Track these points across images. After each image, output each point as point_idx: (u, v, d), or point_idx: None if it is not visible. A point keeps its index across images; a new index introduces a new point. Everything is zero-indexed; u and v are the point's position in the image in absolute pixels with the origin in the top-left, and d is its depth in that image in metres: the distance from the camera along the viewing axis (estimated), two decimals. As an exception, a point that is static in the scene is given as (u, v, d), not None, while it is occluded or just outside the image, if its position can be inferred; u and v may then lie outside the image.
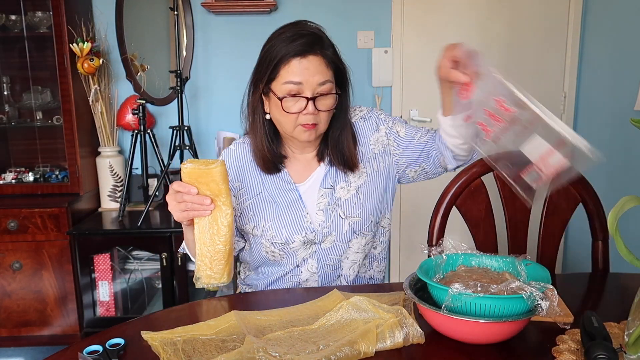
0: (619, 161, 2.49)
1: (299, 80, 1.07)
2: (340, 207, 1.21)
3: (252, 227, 1.21)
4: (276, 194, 1.21)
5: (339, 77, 1.15)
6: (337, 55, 1.14)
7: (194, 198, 0.94)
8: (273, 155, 1.19)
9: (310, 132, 1.12)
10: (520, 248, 1.38)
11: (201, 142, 2.81)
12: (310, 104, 1.08)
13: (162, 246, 2.32)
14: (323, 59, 1.09)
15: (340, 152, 1.19)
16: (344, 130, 1.19)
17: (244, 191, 1.22)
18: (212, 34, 2.75)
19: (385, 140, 1.25)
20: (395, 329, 0.87)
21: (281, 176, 1.22)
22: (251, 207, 1.21)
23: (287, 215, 1.19)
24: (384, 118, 1.26)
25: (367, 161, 1.24)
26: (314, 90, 1.08)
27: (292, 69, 1.07)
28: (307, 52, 1.07)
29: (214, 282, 0.99)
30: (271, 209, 1.20)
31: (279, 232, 1.19)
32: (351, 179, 1.22)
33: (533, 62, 2.81)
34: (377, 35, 2.77)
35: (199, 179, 0.93)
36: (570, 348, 0.84)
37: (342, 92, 1.17)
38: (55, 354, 0.87)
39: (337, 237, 1.21)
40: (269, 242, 1.20)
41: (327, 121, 1.15)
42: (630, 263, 0.77)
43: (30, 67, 2.54)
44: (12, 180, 2.50)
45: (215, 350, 0.86)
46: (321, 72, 1.08)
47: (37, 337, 2.43)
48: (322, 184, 1.21)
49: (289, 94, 1.08)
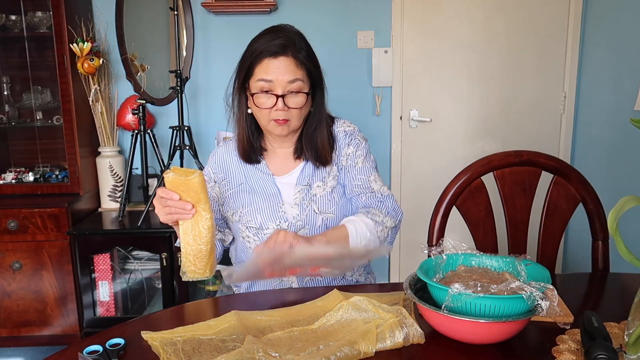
0: (619, 161, 2.49)
1: (270, 79, 1.17)
2: (315, 202, 1.28)
3: (232, 213, 1.30)
4: (256, 185, 1.30)
5: (313, 78, 1.23)
6: (311, 58, 1.22)
7: (176, 203, 1.01)
8: (253, 147, 1.30)
9: (283, 127, 1.21)
10: (520, 248, 1.38)
11: (201, 142, 2.81)
12: (280, 101, 1.18)
13: (162, 246, 2.32)
14: (294, 60, 1.18)
15: (314, 147, 1.28)
16: (318, 126, 1.28)
17: (227, 182, 1.33)
18: (212, 34, 2.75)
19: (347, 160, 1.31)
20: (395, 329, 0.87)
21: (260, 168, 1.31)
22: (232, 196, 1.31)
23: (264, 203, 1.28)
24: (361, 144, 1.33)
25: (340, 169, 1.32)
26: (284, 88, 1.18)
27: (264, 68, 1.18)
28: (279, 53, 1.17)
29: (199, 277, 1.07)
30: (250, 197, 1.29)
31: (254, 217, 1.27)
32: (327, 179, 1.30)
33: (533, 62, 2.81)
34: (377, 35, 2.77)
35: (180, 187, 1.01)
36: (570, 348, 0.84)
37: (318, 92, 1.26)
38: (55, 354, 0.87)
39: (310, 231, 1.27)
40: (244, 226, 1.28)
41: (300, 118, 1.23)
42: (630, 263, 0.77)
43: (30, 67, 2.54)
44: (12, 180, 2.50)
45: (215, 350, 0.86)
46: (291, 72, 1.17)
47: (37, 337, 2.43)
48: (299, 181, 1.29)
49: (261, 91, 1.19)
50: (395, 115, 2.84)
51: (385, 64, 2.76)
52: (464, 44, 2.80)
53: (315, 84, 1.25)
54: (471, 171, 1.36)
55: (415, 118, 2.86)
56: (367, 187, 1.30)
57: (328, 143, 1.28)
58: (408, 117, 2.87)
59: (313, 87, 1.25)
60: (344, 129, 1.33)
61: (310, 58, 1.22)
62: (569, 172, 1.35)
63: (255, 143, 1.30)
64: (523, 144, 2.73)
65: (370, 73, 2.78)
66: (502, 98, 2.86)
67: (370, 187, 1.30)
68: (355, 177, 1.30)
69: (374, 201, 1.27)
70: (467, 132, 2.90)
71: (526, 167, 1.37)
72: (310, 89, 1.23)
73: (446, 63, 2.82)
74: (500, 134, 2.89)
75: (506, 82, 2.84)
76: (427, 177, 2.91)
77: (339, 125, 1.33)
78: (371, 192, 1.29)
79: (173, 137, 2.48)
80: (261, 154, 1.32)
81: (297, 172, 1.30)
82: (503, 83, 2.84)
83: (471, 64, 2.82)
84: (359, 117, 2.81)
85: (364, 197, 1.29)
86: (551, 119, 2.86)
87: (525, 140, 2.85)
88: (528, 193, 1.37)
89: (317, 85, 1.26)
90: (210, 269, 1.08)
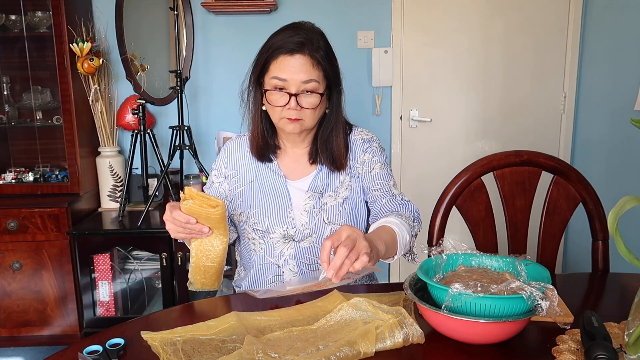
0: (619, 161, 2.49)
1: (284, 77, 1.14)
2: (326, 212, 1.25)
3: (239, 212, 1.28)
4: (266, 185, 1.27)
5: (330, 78, 1.20)
6: (329, 58, 1.19)
7: (193, 227, 0.99)
8: (266, 144, 1.26)
9: (294, 125, 1.17)
10: (520, 248, 1.38)
11: (201, 142, 2.81)
12: (292, 100, 1.14)
13: (162, 246, 2.32)
14: (310, 59, 1.14)
15: (330, 150, 1.25)
16: (334, 129, 1.24)
17: (237, 179, 1.29)
18: (212, 34, 2.75)
19: (363, 167, 1.29)
20: (395, 329, 0.87)
21: (272, 168, 1.28)
22: (242, 194, 1.28)
23: (273, 206, 1.25)
24: (378, 151, 1.30)
25: (354, 176, 1.28)
26: (298, 87, 1.14)
27: (279, 65, 1.14)
28: (295, 51, 1.13)
29: (206, 288, 1.10)
30: (259, 197, 1.26)
31: (261, 219, 1.24)
32: (339, 189, 1.27)
33: (533, 62, 2.81)
34: (377, 35, 2.77)
35: (199, 216, 0.98)
36: (570, 348, 0.84)
37: (335, 94, 1.22)
38: (55, 354, 0.87)
39: (317, 240, 1.25)
40: (250, 227, 1.26)
41: (313, 118, 1.19)
42: (630, 263, 0.77)
43: (30, 67, 2.54)
44: (12, 180, 2.50)
45: (215, 350, 0.86)
46: (306, 72, 1.14)
47: (37, 337, 2.43)
48: (311, 187, 1.26)
49: (275, 88, 1.15)
50: (395, 115, 2.84)
51: (385, 64, 2.76)
52: (464, 44, 2.80)
53: (332, 85, 1.21)
54: (471, 171, 1.36)
55: (415, 118, 2.86)
56: (387, 191, 1.26)
57: (344, 147, 1.25)
58: (408, 117, 2.87)
59: (330, 88, 1.21)
60: (361, 136, 1.30)
61: (328, 58, 1.18)
62: (569, 172, 1.35)
63: (270, 141, 1.27)
64: (523, 144, 2.73)
65: (370, 73, 2.78)
66: (502, 98, 2.86)
67: (391, 191, 1.27)
68: (375, 182, 1.27)
69: (396, 204, 1.24)
70: (467, 132, 2.90)
71: (526, 167, 1.37)
72: (326, 90, 1.19)
73: (446, 63, 2.83)
74: (500, 134, 2.89)
75: (506, 82, 2.84)
76: (427, 177, 2.91)
77: (357, 133, 1.30)
78: (392, 195, 1.26)
79: (173, 137, 2.48)
80: (274, 152, 1.28)
81: (310, 179, 1.27)
82: (503, 83, 2.84)
83: (471, 64, 2.82)
84: (359, 117, 2.81)
85: (384, 200, 1.25)
86: (551, 119, 2.86)
87: (525, 140, 2.85)
88: (528, 193, 1.37)
89: (333, 87, 1.22)
90: (219, 281, 1.11)
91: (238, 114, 1.30)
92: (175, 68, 2.51)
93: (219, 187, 1.31)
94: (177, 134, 2.46)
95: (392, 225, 1.13)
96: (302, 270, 1.26)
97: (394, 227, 1.12)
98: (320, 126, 1.25)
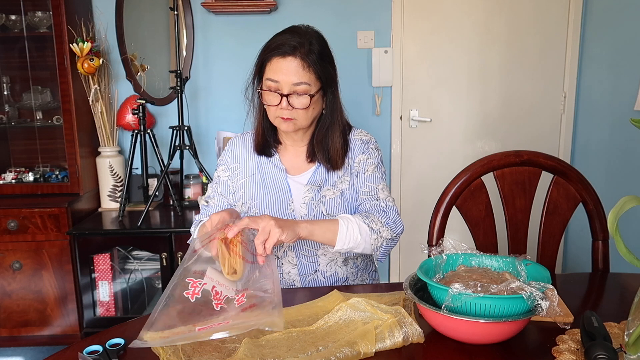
0: (619, 161, 2.49)
1: (276, 79, 1.18)
2: (324, 204, 1.28)
3: (241, 203, 1.32)
4: (267, 178, 1.31)
5: (323, 80, 1.22)
6: (323, 61, 1.21)
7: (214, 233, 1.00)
8: (267, 139, 1.31)
9: (288, 124, 1.22)
10: (520, 248, 1.38)
11: (201, 142, 2.81)
12: (284, 100, 1.19)
13: (162, 246, 2.32)
14: (301, 62, 1.18)
15: (326, 149, 1.29)
16: (330, 129, 1.28)
17: (240, 171, 1.34)
18: (212, 34, 2.75)
19: (359, 166, 1.32)
20: (395, 328, 0.87)
21: (274, 161, 1.32)
22: (243, 185, 1.32)
23: (273, 198, 1.29)
24: (374, 153, 1.33)
25: (352, 173, 1.31)
26: (289, 88, 1.18)
27: (272, 67, 1.19)
28: (288, 54, 1.17)
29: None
30: (260, 189, 1.30)
31: (262, 210, 1.28)
32: (337, 183, 1.30)
33: (533, 62, 2.81)
34: (377, 35, 2.77)
35: (223, 256, 0.97)
36: (570, 348, 0.84)
37: (330, 95, 1.26)
38: (55, 354, 0.87)
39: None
40: None
41: (306, 118, 1.22)
42: (630, 263, 0.77)
43: (30, 67, 2.54)
44: (12, 180, 2.50)
45: (214, 350, 0.86)
46: (297, 74, 1.17)
47: (37, 337, 2.42)
48: (310, 182, 1.30)
49: (269, 88, 1.20)
50: (395, 115, 2.84)
51: (385, 64, 2.76)
52: (464, 44, 2.80)
53: (326, 87, 1.24)
54: (471, 171, 1.36)
55: (415, 118, 2.86)
56: (373, 195, 1.30)
57: (341, 148, 1.28)
58: (408, 117, 2.87)
59: (325, 89, 1.24)
60: (360, 137, 1.34)
61: (322, 61, 1.21)
62: (569, 172, 1.35)
63: (270, 137, 1.32)
64: (523, 144, 2.73)
65: (370, 73, 2.78)
66: (502, 98, 2.86)
67: (377, 195, 1.30)
68: (364, 184, 1.31)
69: (377, 210, 1.27)
70: (467, 132, 2.90)
71: (526, 167, 1.37)
72: (320, 91, 1.22)
73: (446, 63, 2.82)
74: (500, 134, 2.89)
75: (506, 82, 2.84)
76: (427, 177, 2.91)
77: (356, 134, 1.34)
78: (376, 199, 1.29)
79: (173, 137, 2.48)
80: (275, 147, 1.33)
81: (309, 174, 1.31)
82: (503, 83, 2.84)
83: (471, 64, 2.82)
84: (359, 117, 2.81)
85: (368, 204, 1.29)
86: (551, 119, 2.86)
87: (525, 140, 2.85)
88: (528, 193, 1.37)
89: (328, 88, 1.25)
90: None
91: (238, 114, 1.31)
92: (175, 68, 2.51)
93: (227, 180, 1.33)
94: (177, 134, 2.46)
95: (342, 219, 1.19)
96: (301, 262, 1.29)
97: (342, 220, 1.18)
98: (316, 126, 1.29)
